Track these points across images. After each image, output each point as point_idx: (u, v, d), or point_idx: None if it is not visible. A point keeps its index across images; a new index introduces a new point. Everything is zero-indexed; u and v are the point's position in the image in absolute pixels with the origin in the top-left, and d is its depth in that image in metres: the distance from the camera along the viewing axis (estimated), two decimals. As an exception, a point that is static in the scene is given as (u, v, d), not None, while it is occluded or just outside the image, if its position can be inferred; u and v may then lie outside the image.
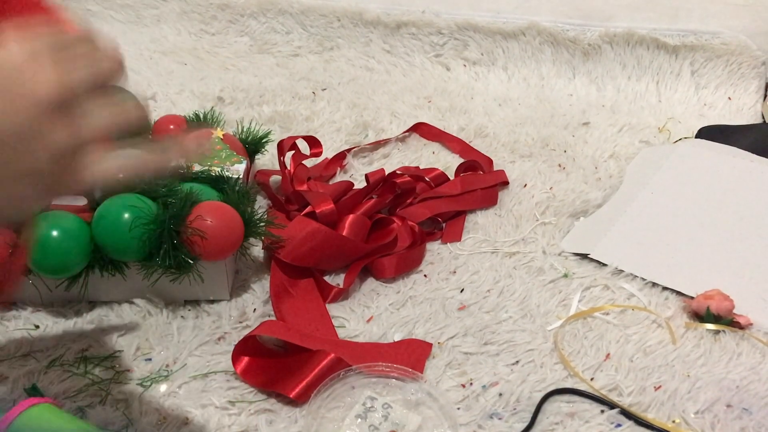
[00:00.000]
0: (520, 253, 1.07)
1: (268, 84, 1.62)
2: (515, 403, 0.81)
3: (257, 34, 1.83)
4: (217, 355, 0.86)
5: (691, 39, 1.58)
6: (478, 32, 1.70)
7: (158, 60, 1.74)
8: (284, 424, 0.77)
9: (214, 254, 0.87)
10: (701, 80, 1.60)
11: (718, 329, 0.91)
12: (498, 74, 1.70)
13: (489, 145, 1.38)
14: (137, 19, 1.90)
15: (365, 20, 1.76)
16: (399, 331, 0.91)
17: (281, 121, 1.45)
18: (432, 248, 1.08)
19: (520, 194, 1.21)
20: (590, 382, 0.83)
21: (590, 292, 0.99)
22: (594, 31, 1.63)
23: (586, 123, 1.47)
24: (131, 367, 0.84)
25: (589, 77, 1.65)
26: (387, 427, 0.76)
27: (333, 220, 1.02)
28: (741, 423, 0.79)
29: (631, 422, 0.79)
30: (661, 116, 1.52)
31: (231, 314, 0.93)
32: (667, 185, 1.18)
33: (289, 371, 0.82)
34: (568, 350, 0.89)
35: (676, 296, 0.98)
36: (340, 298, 0.97)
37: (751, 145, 1.26)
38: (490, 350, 0.88)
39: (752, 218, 1.09)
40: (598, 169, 1.30)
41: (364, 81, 1.67)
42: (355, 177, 1.27)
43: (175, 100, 1.53)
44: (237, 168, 1.03)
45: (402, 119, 1.47)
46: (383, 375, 0.82)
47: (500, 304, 0.96)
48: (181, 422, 0.77)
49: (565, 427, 0.78)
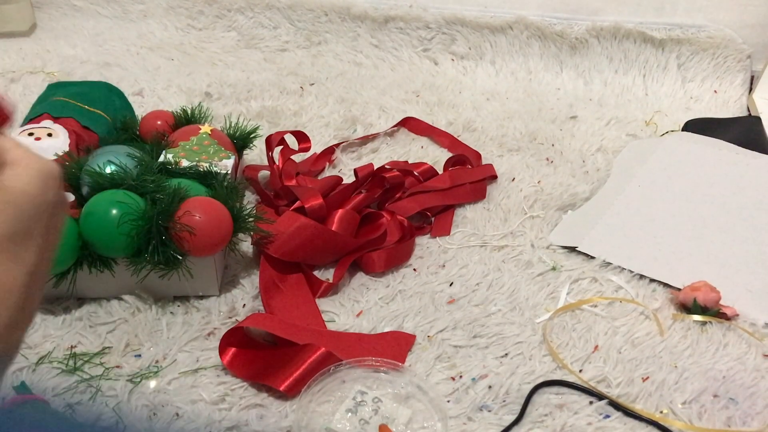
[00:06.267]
0: (508, 247, 1.07)
1: (255, 79, 1.62)
2: (504, 395, 0.81)
3: (244, 29, 1.82)
4: (206, 351, 0.86)
5: (678, 32, 1.59)
6: (465, 26, 1.70)
7: (145, 55, 1.73)
8: (275, 419, 0.77)
9: (203, 250, 0.87)
10: (687, 73, 1.61)
11: (705, 320, 0.92)
12: (486, 68, 1.70)
13: (477, 140, 1.38)
14: (123, 14, 1.89)
15: (353, 15, 1.76)
16: (389, 325, 0.91)
17: (269, 116, 1.45)
18: (421, 242, 1.08)
19: (508, 188, 1.22)
20: (579, 374, 0.84)
21: (578, 284, 0.99)
22: (581, 25, 1.63)
23: (574, 117, 1.48)
24: (121, 363, 0.84)
25: (577, 71, 1.66)
26: (377, 421, 0.76)
27: (322, 215, 1.03)
28: (727, 413, 0.79)
29: (619, 413, 0.79)
30: (647, 109, 1.53)
31: (220, 310, 0.93)
32: (654, 178, 1.19)
33: (278, 364, 0.82)
34: (556, 342, 0.89)
35: (664, 288, 0.99)
36: (329, 292, 0.97)
37: (736, 138, 1.27)
38: (479, 343, 0.89)
39: (738, 210, 1.10)
40: (585, 162, 1.31)
41: (352, 76, 1.67)
42: (343, 172, 1.27)
43: (163, 95, 1.53)
44: (225, 163, 1.02)
45: (390, 114, 1.47)
46: (373, 369, 0.82)
47: (489, 297, 0.97)
48: (172, 418, 0.77)
49: (555, 419, 0.78)
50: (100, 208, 0.85)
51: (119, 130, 1.13)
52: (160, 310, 0.91)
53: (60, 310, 0.91)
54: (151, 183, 0.89)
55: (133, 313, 0.91)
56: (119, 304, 0.92)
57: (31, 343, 0.85)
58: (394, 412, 0.77)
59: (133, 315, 0.91)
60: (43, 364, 0.82)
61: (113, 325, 0.89)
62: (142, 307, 0.91)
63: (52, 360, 0.83)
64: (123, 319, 0.90)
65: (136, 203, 0.85)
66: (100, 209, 0.85)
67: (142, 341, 0.87)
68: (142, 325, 0.89)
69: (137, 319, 0.90)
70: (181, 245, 0.85)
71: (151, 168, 0.95)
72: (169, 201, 0.86)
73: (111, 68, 1.65)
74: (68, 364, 0.83)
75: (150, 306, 0.92)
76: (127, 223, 0.84)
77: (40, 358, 0.83)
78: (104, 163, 0.93)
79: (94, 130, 1.09)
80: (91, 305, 0.92)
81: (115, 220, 0.84)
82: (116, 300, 0.92)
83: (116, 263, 0.89)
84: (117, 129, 1.13)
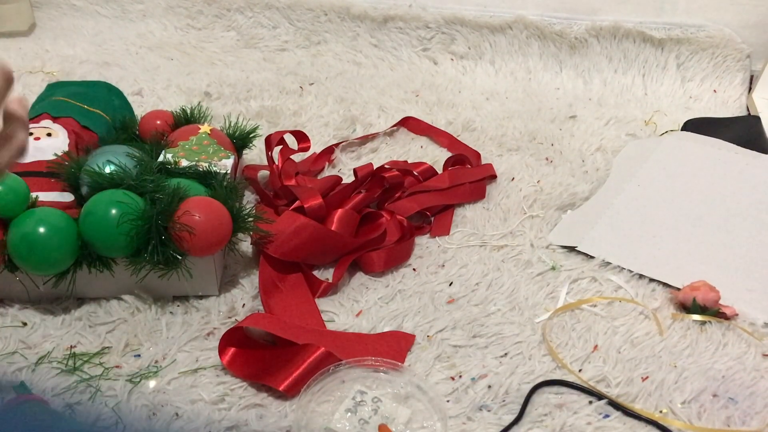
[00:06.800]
0: (508, 247, 1.07)
1: (255, 79, 1.62)
2: (504, 395, 0.81)
3: (244, 28, 1.82)
4: (206, 351, 0.86)
5: (677, 32, 1.59)
6: (465, 26, 1.70)
7: (144, 55, 1.73)
8: (274, 419, 0.77)
9: (203, 250, 0.87)
10: (687, 73, 1.61)
11: (705, 320, 0.92)
12: (485, 68, 1.70)
13: (477, 139, 1.38)
14: (123, 14, 1.89)
15: (352, 14, 1.76)
16: (388, 325, 0.91)
17: (269, 116, 1.45)
18: (420, 242, 1.08)
19: (507, 188, 1.22)
20: (578, 374, 0.84)
21: (578, 284, 0.99)
22: (580, 25, 1.63)
23: (573, 116, 1.48)
24: (120, 363, 0.84)
25: (576, 71, 1.66)
26: (377, 421, 0.76)
27: (321, 215, 1.03)
28: (727, 412, 0.79)
29: (619, 413, 0.79)
30: (647, 109, 1.53)
31: (220, 310, 0.93)
32: (654, 178, 1.19)
33: (278, 364, 0.82)
34: (556, 342, 0.89)
35: (663, 288, 0.99)
36: (329, 292, 0.97)
37: (736, 138, 1.27)
38: (478, 343, 0.89)
39: (738, 210, 1.10)
40: (585, 162, 1.31)
41: (351, 75, 1.67)
42: (343, 171, 1.27)
43: (162, 95, 1.53)
44: (225, 163, 1.02)
45: (390, 113, 1.47)
46: (373, 369, 0.82)
47: (489, 297, 0.97)
48: (171, 418, 0.77)
49: (554, 419, 0.78)
50: (100, 207, 0.85)
51: (119, 130, 1.13)
52: (160, 310, 0.91)
53: (59, 310, 0.91)
54: (150, 183, 0.89)
55: (132, 313, 0.91)
56: (119, 304, 0.92)
57: (30, 343, 0.85)
58: (394, 412, 0.77)
59: (132, 315, 0.91)
60: (42, 364, 0.82)
61: (113, 325, 0.89)
62: (142, 307, 0.91)
63: (52, 360, 0.83)
64: (122, 319, 0.90)
65: (135, 203, 0.85)
66: (99, 209, 0.85)
67: (142, 341, 0.87)
68: (141, 325, 0.89)
69: (137, 319, 0.90)
70: (180, 245, 0.85)
71: (150, 168, 0.95)
72: (169, 201, 0.85)
73: (110, 68, 1.65)
74: (68, 364, 0.83)
75: (149, 306, 0.91)
76: (126, 223, 0.84)
77: (40, 358, 0.83)
78: (104, 163, 0.93)
79: (94, 130, 1.09)
80: (91, 305, 0.92)
81: (115, 219, 0.84)
82: (116, 300, 0.92)
83: (116, 263, 0.89)
84: (116, 129, 1.13)
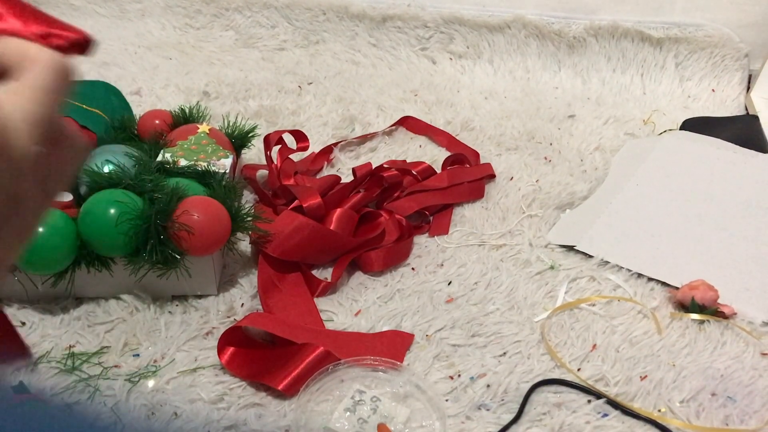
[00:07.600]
0: (506, 246, 1.07)
1: (253, 78, 1.61)
2: (503, 394, 0.81)
3: (242, 28, 1.82)
4: (205, 350, 0.86)
5: (675, 31, 1.59)
6: (463, 25, 1.70)
7: (143, 55, 1.73)
8: (273, 418, 0.77)
9: (201, 249, 0.87)
10: (685, 72, 1.61)
11: (703, 319, 0.92)
12: (484, 67, 1.70)
13: (475, 139, 1.38)
14: (121, 13, 1.89)
15: (351, 14, 1.76)
16: (387, 325, 0.91)
17: (267, 116, 1.45)
18: (419, 241, 1.08)
19: (506, 187, 1.22)
20: (577, 373, 0.84)
21: (576, 283, 1.00)
22: (579, 24, 1.64)
23: (572, 116, 1.48)
24: (119, 362, 0.84)
25: (575, 70, 1.66)
26: (376, 420, 0.76)
27: (320, 214, 1.02)
28: (725, 411, 0.80)
29: (617, 412, 0.79)
30: (645, 108, 1.53)
31: (219, 309, 0.92)
32: (652, 177, 1.19)
33: (277, 363, 0.82)
34: (554, 341, 0.89)
35: (662, 287, 0.99)
36: (328, 292, 0.97)
37: (734, 137, 1.27)
38: (477, 342, 0.89)
39: (736, 209, 1.10)
40: (583, 161, 1.31)
41: (350, 75, 1.67)
42: (342, 171, 1.27)
43: (161, 94, 1.53)
44: (223, 163, 1.02)
45: (388, 113, 1.47)
46: (372, 368, 0.82)
47: (487, 296, 0.97)
48: (170, 417, 0.77)
49: (553, 417, 0.78)
50: (99, 207, 0.85)
51: (117, 130, 1.13)
52: (159, 310, 0.91)
53: (58, 309, 0.91)
54: (149, 182, 0.89)
55: (131, 313, 0.91)
56: (117, 304, 0.92)
57: (29, 343, 0.85)
58: (393, 411, 0.77)
59: (131, 314, 0.90)
60: (41, 363, 0.82)
61: (111, 324, 0.89)
62: (141, 306, 0.91)
63: (51, 360, 0.83)
64: (121, 318, 0.90)
65: (134, 202, 0.85)
66: (98, 209, 0.85)
67: (141, 341, 0.87)
68: (140, 325, 0.89)
69: (135, 319, 0.90)
70: (179, 244, 0.85)
71: (149, 167, 0.95)
72: (168, 200, 0.85)
73: (109, 67, 1.65)
74: (66, 364, 0.82)
75: (148, 305, 0.91)
76: (125, 223, 0.84)
77: (39, 357, 0.83)
78: (102, 163, 0.93)
79: (92, 130, 1.09)
80: (90, 305, 0.92)
81: (114, 219, 0.84)
82: (114, 299, 0.92)
83: (114, 263, 0.89)
84: (115, 128, 1.13)
